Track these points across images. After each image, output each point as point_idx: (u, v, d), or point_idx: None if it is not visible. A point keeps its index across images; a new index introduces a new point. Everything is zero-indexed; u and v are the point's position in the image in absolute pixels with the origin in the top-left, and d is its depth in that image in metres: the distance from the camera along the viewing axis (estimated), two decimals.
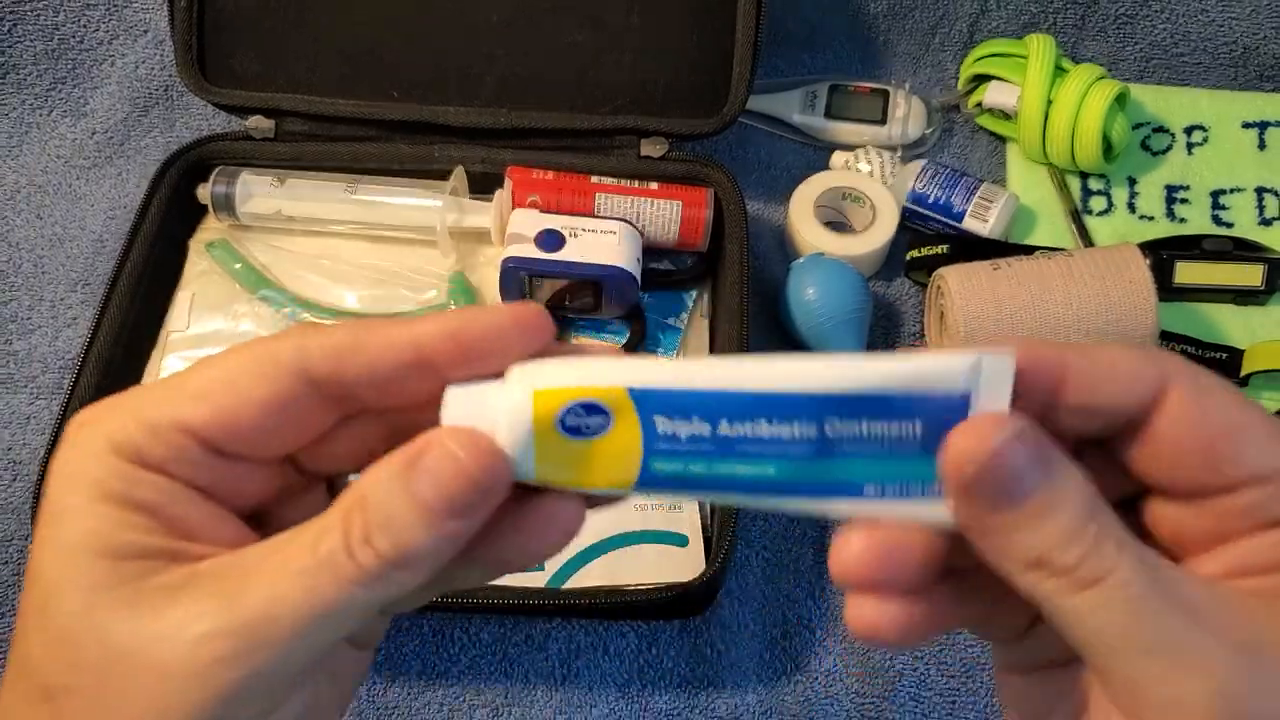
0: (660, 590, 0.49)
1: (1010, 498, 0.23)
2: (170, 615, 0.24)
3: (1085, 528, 0.23)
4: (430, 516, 0.24)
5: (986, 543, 0.24)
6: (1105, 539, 0.23)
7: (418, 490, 0.24)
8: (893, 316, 0.67)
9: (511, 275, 0.59)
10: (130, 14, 0.75)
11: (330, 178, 0.63)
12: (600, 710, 0.54)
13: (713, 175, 0.63)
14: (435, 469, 0.24)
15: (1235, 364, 0.62)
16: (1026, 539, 0.23)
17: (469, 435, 0.24)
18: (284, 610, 0.24)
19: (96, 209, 0.70)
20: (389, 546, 0.24)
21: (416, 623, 0.55)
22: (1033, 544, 0.23)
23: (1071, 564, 0.23)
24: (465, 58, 0.64)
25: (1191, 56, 0.75)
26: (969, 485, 0.23)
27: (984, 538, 0.24)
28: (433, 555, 0.24)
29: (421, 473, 0.24)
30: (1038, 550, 0.23)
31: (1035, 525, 0.23)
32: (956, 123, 0.75)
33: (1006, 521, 0.23)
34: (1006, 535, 0.24)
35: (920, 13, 0.76)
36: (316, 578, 0.24)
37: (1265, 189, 0.71)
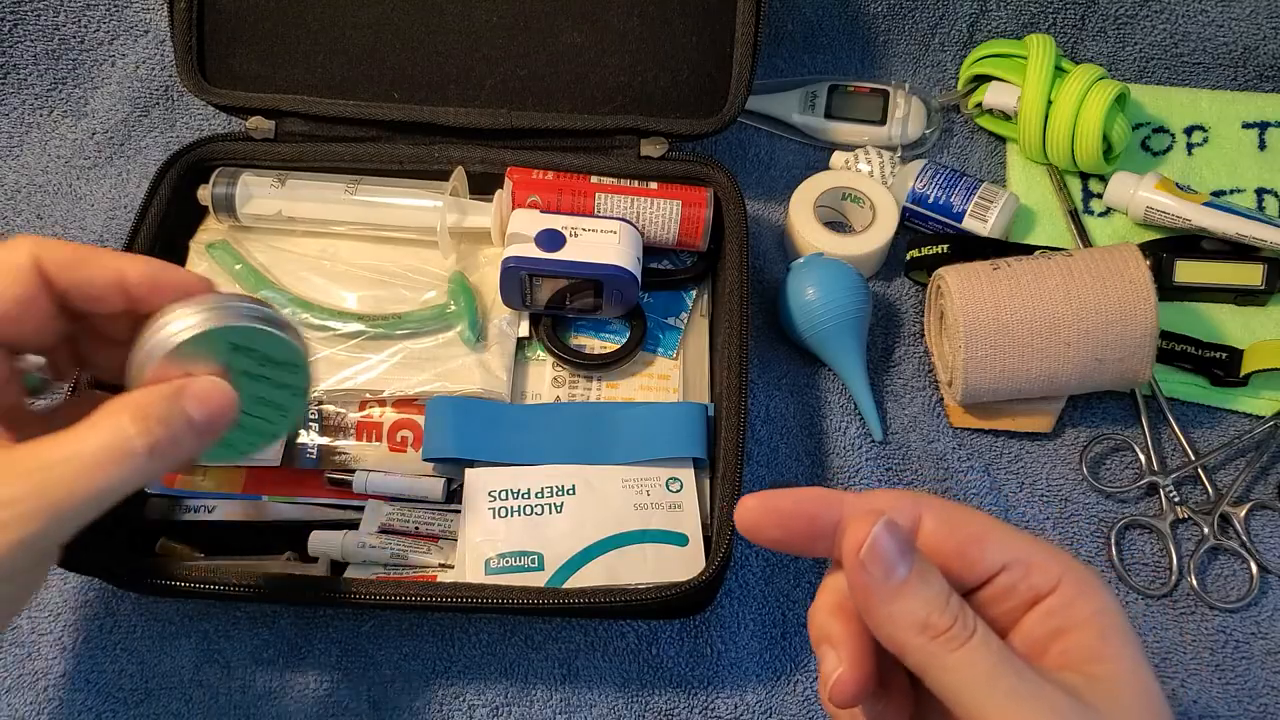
0: (660, 590, 0.49)
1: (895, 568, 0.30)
2: None
3: (951, 596, 0.31)
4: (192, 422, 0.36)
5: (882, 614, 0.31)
6: (964, 606, 0.31)
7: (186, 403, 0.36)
8: (893, 316, 0.67)
9: (512, 275, 0.59)
10: (130, 14, 0.75)
11: (330, 178, 0.63)
12: (600, 710, 0.54)
13: (713, 175, 0.63)
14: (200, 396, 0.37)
15: (1235, 363, 0.62)
16: (911, 604, 0.30)
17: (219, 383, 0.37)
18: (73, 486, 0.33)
19: (97, 209, 0.70)
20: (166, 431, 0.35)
21: (417, 623, 0.55)
22: (917, 608, 0.30)
23: (948, 624, 0.30)
24: (465, 58, 0.64)
25: (1191, 56, 0.75)
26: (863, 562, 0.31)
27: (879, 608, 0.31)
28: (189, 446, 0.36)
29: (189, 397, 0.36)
30: (922, 613, 0.30)
31: (916, 591, 0.30)
32: (956, 123, 0.75)
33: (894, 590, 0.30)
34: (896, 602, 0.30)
35: (920, 13, 0.76)
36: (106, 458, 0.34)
37: (1265, 189, 0.71)
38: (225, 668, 0.54)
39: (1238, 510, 0.59)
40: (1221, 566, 0.59)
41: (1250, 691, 0.55)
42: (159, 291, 0.38)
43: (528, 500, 0.55)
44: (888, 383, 0.64)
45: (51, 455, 0.33)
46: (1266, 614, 0.57)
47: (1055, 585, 0.33)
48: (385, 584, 0.51)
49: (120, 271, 0.38)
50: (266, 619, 0.55)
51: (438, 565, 0.54)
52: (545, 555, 0.53)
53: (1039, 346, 0.58)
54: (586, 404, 0.60)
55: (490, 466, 0.56)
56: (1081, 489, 0.61)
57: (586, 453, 0.57)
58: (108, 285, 0.38)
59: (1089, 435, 0.62)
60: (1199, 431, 0.63)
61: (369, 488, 0.56)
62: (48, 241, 0.37)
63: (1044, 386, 0.59)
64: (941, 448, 0.62)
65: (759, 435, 0.62)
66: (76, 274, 0.37)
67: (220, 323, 0.37)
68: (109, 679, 0.54)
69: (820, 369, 0.65)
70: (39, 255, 0.37)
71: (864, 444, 0.62)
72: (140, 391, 0.36)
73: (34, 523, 0.32)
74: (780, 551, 0.36)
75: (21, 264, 0.36)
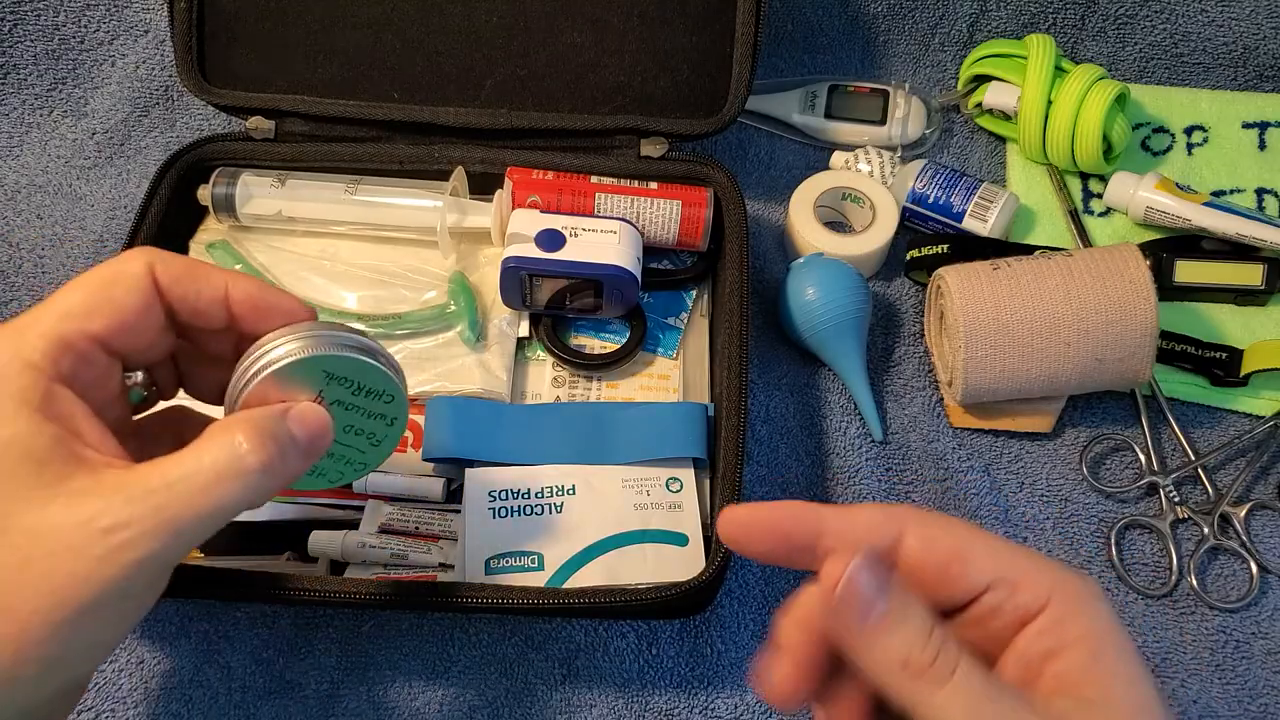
0: (660, 590, 0.49)
1: (872, 606, 0.30)
2: (84, 509, 0.32)
3: (933, 631, 0.30)
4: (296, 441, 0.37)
5: (864, 655, 0.30)
6: (948, 640, 0.30)
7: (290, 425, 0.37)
8: (893, 316, 0.67)
9: (512, 275, 0.59)
10: (130, 14, 0.75)
11: (330, 178, 0.63)
12: (600, 710, 0.54)
13: (713, 175, 0.63)
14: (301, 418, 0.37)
15: (1235, 363, 0.62)
16: (892, 643, 0.30)
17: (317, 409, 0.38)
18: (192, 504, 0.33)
19: (97, 209, 0.70)
20: (276, 448, 0.35)
21: (417, 623, 0.55)
22: (898, 646, 0.30)
23: (929, 661, 0.29)
24: (465, 58, 0.64)
25: (1191, 56, 0.75)
26: (839, 603, 0.30)
27: (861, 650, 0.30)
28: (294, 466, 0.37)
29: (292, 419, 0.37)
30: (904, 651, 0.30)
31: (894, 629, 0.30)
32: (956, 123, 0.75)
33: (872, 629, 0.30)
34: (875, 641, 0.30)
35: (920, 13, 0.76)
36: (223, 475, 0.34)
37: (1265, 189, 0.71)
38: (225, 668, 0.54)
39: (1238, 510, 0.59)
40: (1221, 566, 0.59)
41: (1250, 691, 0.55)
42: (261, 312, 0.39)
43: (528, 500, 0.55)
44: (888, 383, 0.64)
45: (169, 474, 0.34)
46: (1266, 614, 0.57)
47: (1044, 604, 0.32)
48: (385, 584, 0.51)
49: (226, 289, 0.38)
50: (266, 619, 0.55)
51: (438, 565, 0.54)
52: (545, 555, 0.53)
53: (1039, 346, 0.58)
54: (586, 404, 0.60)
55: (490, 466, 0.56)
56: (1081, 489, 0.61)
57: (586, 453, 0.56)
58: (213, 301, 0.38)
59: (1089, 435, 0.62)
60: (1199, 431, 0.63)
61: (369, 488, 0.56)
62: (162, 254, 0.38)
63: (1044, 386, 0.59)
64: (941, 448, 0.62)
65: (759, 435, 0.62)
66: (185, 288, 0.38)
67: (320, 350, 0.38)
68: (108, 679, 0.54)
69: (820, 369, 0.65)
70: (154, 265, 0.37)
71: (864, 444, 0.62)
72: (249, 411, 0.37)
73: (155, 541, 0.33)
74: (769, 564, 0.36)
75: (139, 274, 0.37)
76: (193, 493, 0.33)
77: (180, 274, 0.38)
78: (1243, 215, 0.64)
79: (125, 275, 0.37)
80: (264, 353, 0.38)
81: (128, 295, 0.36)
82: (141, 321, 0.37)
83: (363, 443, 0.42)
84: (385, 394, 0.41)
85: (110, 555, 0.32)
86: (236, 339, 0.40)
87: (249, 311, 0.39)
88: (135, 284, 0.36)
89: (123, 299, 0.36)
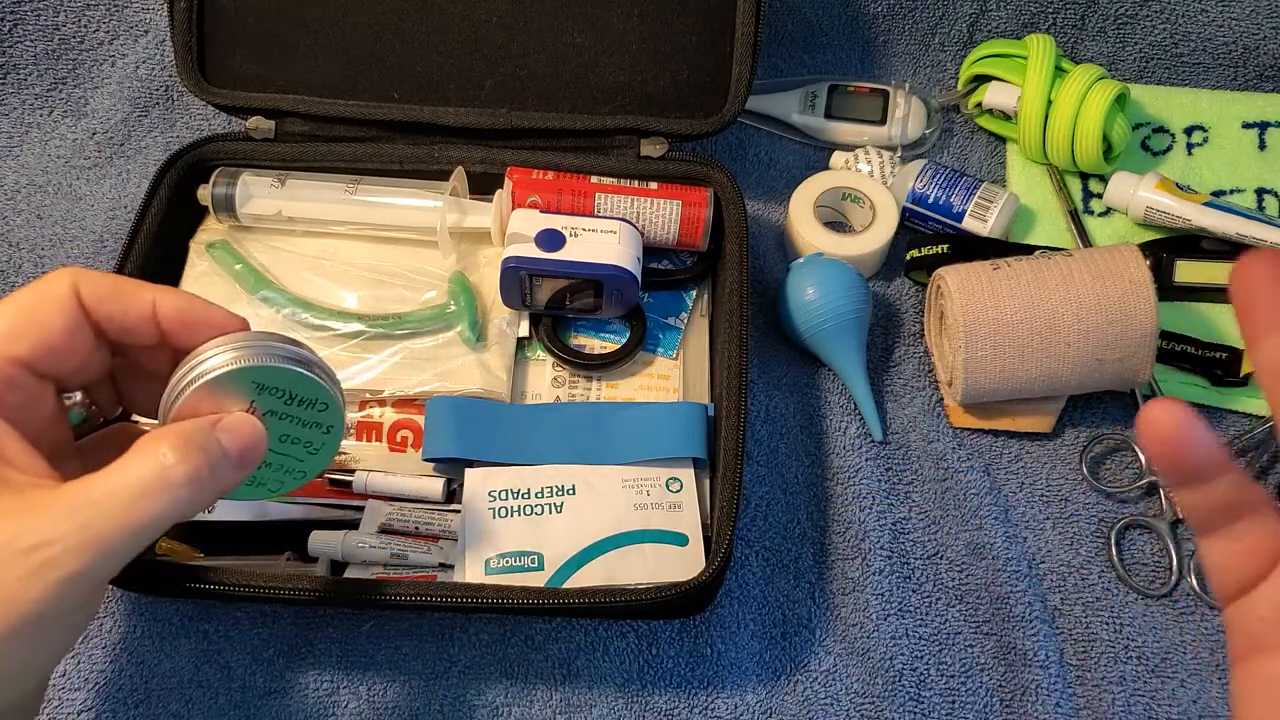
0: (660, 590, 0.49)
1: None
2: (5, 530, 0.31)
3: None
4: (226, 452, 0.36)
5: None
6: None
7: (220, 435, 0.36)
8: (893, 316, 0.67)
9: (512, 275, 0.59)
10: (130, 14, 0.75)
11: (330, 178, 0.63)
12: (600, 710, 0.54)
13: (713, 175, 0.63)
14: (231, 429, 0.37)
15: (1235, 363, 0.62)
16: None
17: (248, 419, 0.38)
18: (117, 520, 0.33)
19: (97, 209, 0.70)
20: (204, 460, 0.35)
21: (417, 623, 0.55)
22: None
23: None
24: (465, 58, 0.64)
25: (1191, 56, 0.75)
26: None
27: None
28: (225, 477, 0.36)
29: (222, 430, 0.37)
30: None
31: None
32: (956, 123, 0.75)
33: None
34: None
35: (920, 13, 0.76)
36: (148, 488, 0.33)
37: (1265, 189, 0.71)
38: (225, 668, 0.54)
39: None
40: None
41: None
42: (191, 327, 0.38)
43: (528, 500, 0.55)
44: (888, 383, 0.64)
45: (93, 491, 0.33)
46: None
47: None
48: (385, 584, 0.51)
49: (153, 305, 0.38)
50: (266, 619, 0.55)
51: (438, 565, 0.54)
52: (545, 555, 0.53)
53: (1039, 346, 0.58)
54: (586, 404, 0.60)
55: (490, 466, 0.56)
56: (1081, 489, 0.61)
57: (586, 453, 0.57)
58: (141, 318, 0.38)
59: (1089, 435, 0.62)
60: None
61: (369, 488, 0.56)
62: (87, 272, 0.37)
63: (1044, 386, 0.59)
64: (941, 448, 0.62)
65: (759, 435, 0.62)
66: (112, 306, 0.37)
67: (250, 362, 0.38)
68: (108, 679, 0.54)
69: (820, 369, 0.65)
70: (78, 285, 0.37)
71: (864, 444, 0.62)
72: (176, 424, 0.37)
73: (79, 559, 0.32)
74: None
75: (63, 294, 0.36)
76: (118, 508, 0.33)
77: (106, 293, 0.37)
78: (1243, 215, 0.64)
79: (48, 297, 0.36)
80: (194, 365, 0.38)
81: (52, 317, 0.36)
82: (68, 343, 0.36)
83: (300, 451, 0.42)
84: (319, 403, 0.40)
85: (33, 575, 0.31)
86: (172, 354, 0.39)
87: (178, 327, 0.38)
88: (59, 305, 0.36)
89: (47, 321, 0.36)
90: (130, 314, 0.37)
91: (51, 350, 0.36)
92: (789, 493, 0.60)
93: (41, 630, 0.32)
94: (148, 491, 0.33)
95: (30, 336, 0.35)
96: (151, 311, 0.38)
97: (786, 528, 0.59)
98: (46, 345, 0.36)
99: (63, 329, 0.36)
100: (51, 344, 0.36)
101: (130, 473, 0.34)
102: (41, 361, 0.36)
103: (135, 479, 0.33)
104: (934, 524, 0.59)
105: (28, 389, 0.36)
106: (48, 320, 0.36)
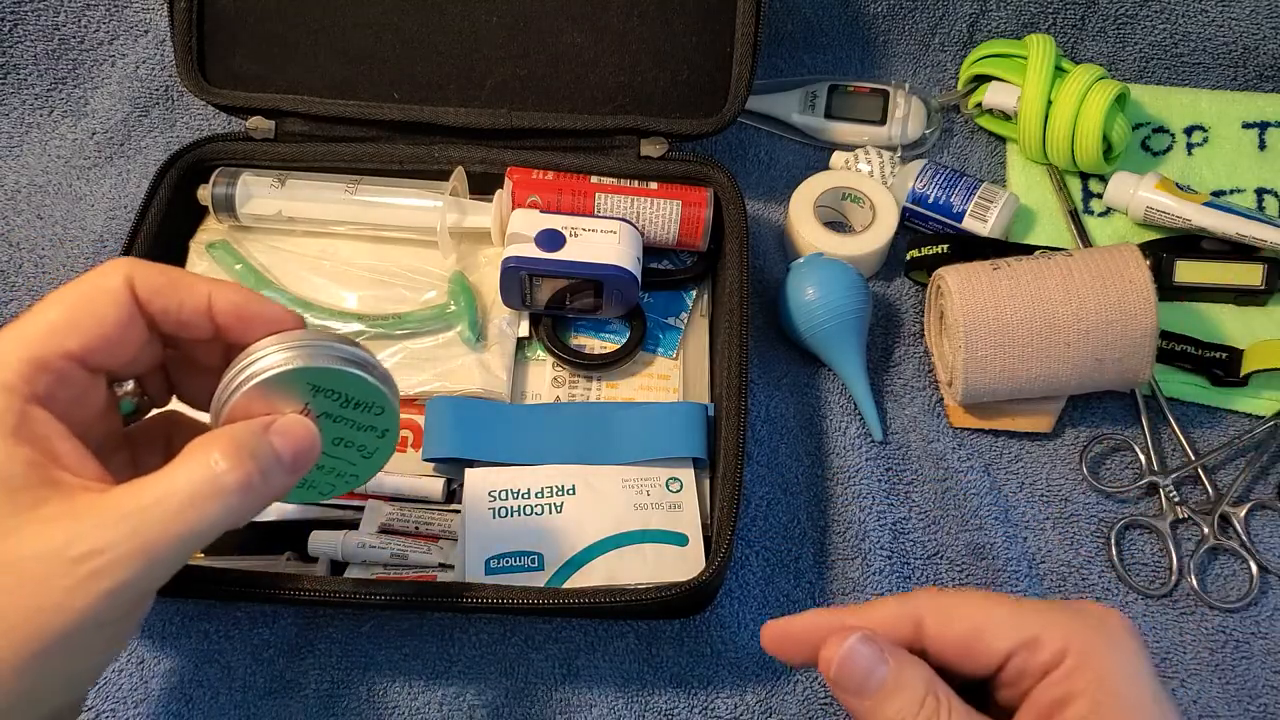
0: (660, 590, 0.49)
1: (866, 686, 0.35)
2: (55, 537, 0.31)
3: (925, 700, 0.34)
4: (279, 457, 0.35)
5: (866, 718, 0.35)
6: (940, 707, 0.34)
7: (273, 439, 0.35)
8: (893, 316, 0.67)
9: (512, 275, 0.59)
10: (130, 14, 0.75)
11: (330, 178, 0.63)
12: (600, 710, 0.54)
13: (713, 175, 0.63)
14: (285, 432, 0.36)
15: (1235, 364, 0.62)
16: (888, 713, 0.34)
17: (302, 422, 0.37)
18: (167, 528, 0.32)
19: (97, 209, 0.70)
20: (255, 466, 0.34)
21: (417, 623, 0.55)
22: (892, 716, 0.34)
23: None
24: (465, 58, 0.64)
25: (1191, 56, 0.75)
26: (836, 681, 0.35)
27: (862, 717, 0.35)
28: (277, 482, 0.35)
29: (275, 433, 0.35)
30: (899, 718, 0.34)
31: (890, 702, 0.34)
32: (956, 123, 0.75)
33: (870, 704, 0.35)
34: (874, 713, 0.35)
35: (920, 13, 0.76)
36: (199, 496, 0.32)
37: (1265, 189, 0.71)
38: (225, 668, 0.54)
39: (1238, 510, 0.59)
40: (1221, 566, 0.59)
41: (1250, 691, 0.55)
42: (246, 322, 0.37)
43: (528, 500, 0.55)
44: (888, 383, 0.64)
45: (143, 497, 0.32)
46: (1266, 614, 0.57)
47: (1062, 657, 0.34)
48: (385, 584, 0.51)
49: (208, 298, 0.37)
50: (266, 619, 0.55)
51: (438, 565, 0.54)
52: (545, 555, 0.53)
53: (1039, 346, 0.58)
54: (586, 404, 0.60)
55: (490, 466, 0.56)
56: (1081, 489, 0.61)
57: (586, 453, 0.57)
58: (195, 312, 0.37)
59: (1089, 435, 0.62)
60: (1199, 431, 0.63)
61: (369, 488, 0.56)
62: (141, 264, 0.36)
63: (1044, 386, 0.59)
64: (941, 448, 0.62)
65: (759, 435, 0.62)
66: (167, 299, 0.36)
67: (306, 363, 0.36)
68: (108, 679, 0.54)
69: (820, 369, 0.65)
70: (132, 278, 0.36)
71: (864, 444, 0.62)
72: (228, 427, 0.35)
73: (128, 568, 0.31)
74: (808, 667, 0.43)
75: (117, 288, 0.35)
76: (167, 516, 0.32)
77: (160, 286, 0.36)
78: (1243, 215, 0.64)
79: (102, 289, 0.35)
80: (248, 364, 0.37)
81: (105, 310, 0.35)
82: (121, 336, 0.36)
83: (353, 455, 0.41)
84: (375, 406, 0.39)
85: (81, 585, 0.30)
86: (225, 348, 0.38)
87: (234, 321, 0.37)
88: (113, 298, 0.35)
89: (100, 314, 0.35)
90: (185, 308, 0.37)
91: (105, 344, 0.35)
92: (789, 493, 0.60)
93: (84, 640, 0.31)
94: (198, 499, 0.32)
95: (83, 330, 0.34)
96: (206, 305, 0.37)
97: (786, 528, 0.59)
98: (100, 339, 0.35)
99: (116, 322, 0.35)
100: (105, 337, 0.35)
101: (180, 478, 0.33)
102: (94, 355, 0.35)
103: (185, 485, 0.33)
104: (934, 524, 0.59)
105: (79, 384, 0.35)
106: (101, 313, 0.35)
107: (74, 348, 0.34)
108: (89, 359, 0.35)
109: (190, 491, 0.32)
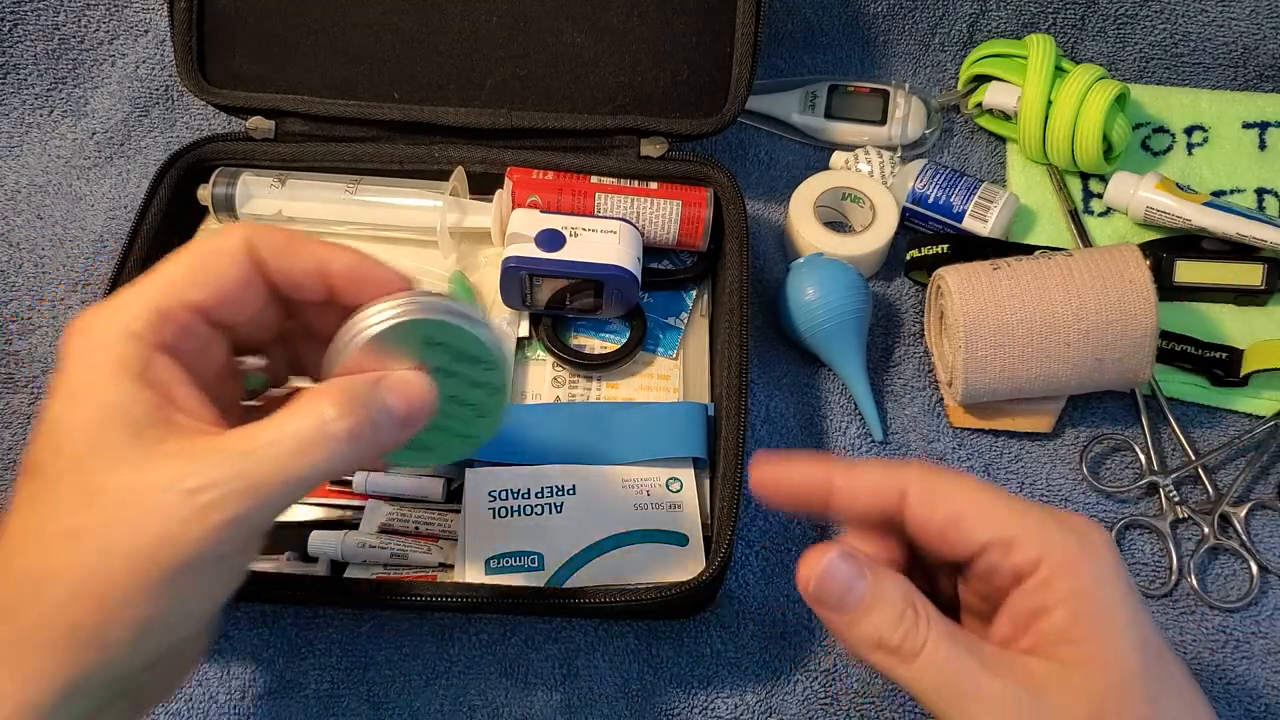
0: (660, 590, 0.49)
1: (845, 601, 0.35)
2: (173, 471, 0.33)
3: (903, 614, 0.34)
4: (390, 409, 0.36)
5: (843, 635, 0.35)
6: (919, 620, 0.34)
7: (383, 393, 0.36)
8: (893, 316, 0.67)
9: (512, 275, 0.59)
10: (130, 14, 0.75)
11: (331, 178, 0.63)
12: (600, 710, 0.54)
13: (713, 175, 0.63)
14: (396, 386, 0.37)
15: (1235, 363, 0.62)
16: (866, 628, 0.34)
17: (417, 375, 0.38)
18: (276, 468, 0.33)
19: (97, 209, 0.70)
20: (366, 415, 0.35)
21: (417, 623, 0.55)
22: (870, 631, 0.34)
23: (897, 642, 0.34)
24: (465, 58, 0.64)
25: (1191, 56, 0.75)
26: (815, 596, 0.35)
27: (841, 632, 0.35)
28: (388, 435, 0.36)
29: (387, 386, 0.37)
30: (876, 634, 0.34)
31: (868, 617, 0.34)
32: (956, 123, 0.75)
33: (849, 618, 0.35)
34: (853, 627, 0.35)
35: (920, 13, 0.76)
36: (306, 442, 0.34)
37: (1265, 189, 0.71)
38: (225, 668, 0.54)
39: (1238, 510, 0.59)
40: (1221, 566, 0.59)
41: (1250, 691, 0.55)
42: (359, 284, 0.38)
43: (528, 500, 0.55)
44: (888, 383, 0.64)
45: (255, 440, 0.34)
46: (1266, 614, 0.57)
47: (1037, 564, 0.34)
48: (385, 584, 0.51)
49: (324, 260, 0.38)
50: (266, 619, 0.55)
51: (438, 565, 0.54)
52: (545, 555, 0.53)
53: (1039, 346, 0.58)
54: (586, 404, 0.60)
55: (490, 466, 0.56)
56: (1081, 489, 0.61)
57: (586, 453, 0.57)
58: (309, 273, 0.38)
59: (1089, 435, 0.62)
60: (1199, 431, 0.63)
61: (369, 487, 0.56)
62: (259, 227, 0.38)
63: (1044, 386, 0.59)
64: (941, 448, 0.62)
65: (759, 435, 0.62)
66: (283, 260, 0.38)
67: (415, 315, 0.37)
68: None
69: (820, 369, 0.65)
70: (251, 240, 0.37)
71: (864, 444, 0.62)
72: (340, 379, 0.37)
73: (238, 504, 0.33)
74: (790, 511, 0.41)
75: (235, 248, 0.37)
76: (277, 458, 0.33)
77: (278, 247, 0.38)
78: (1243, 215, 0.64)
79: (222, 250, 0.37)
80: (360, 321, 0.37)
81: (225, 269, 0.37)
82: (242, 294, 0.37)
83: (468, 414, 0.41)
84: (486, 361, 0.39)
85: (196, 517, 0.32)
86: (341, 314, 0.39)
87: (347, 283, 0.38)
88: (233, 258, 0.37)
89: (221, 271, 0.37)
90: (300, 268, 0.38)
91: (226, 299, 0.37)
92: None
93: (202, 573, 0.33)
94: (306, 445, 0.34)
95: (204, 285, 0.36)
96: (321, 266, 0.38)
97: (786, 528, 0.59)
98: (222, 294, 0.37)
99: (235, 280, 0.37)
100: (226, 293, 0.37)
101: (290, 426, 0.34)
102: (217, 309, 0.37)
103: (294, 432, 0.34)
104: None
105: (202, 336, 0.37)
106: (221, 270, 0.37)
107: (198, 300, 0.36)
108: (210, 313, 0.37)
109: (299, 438, 0.34)
